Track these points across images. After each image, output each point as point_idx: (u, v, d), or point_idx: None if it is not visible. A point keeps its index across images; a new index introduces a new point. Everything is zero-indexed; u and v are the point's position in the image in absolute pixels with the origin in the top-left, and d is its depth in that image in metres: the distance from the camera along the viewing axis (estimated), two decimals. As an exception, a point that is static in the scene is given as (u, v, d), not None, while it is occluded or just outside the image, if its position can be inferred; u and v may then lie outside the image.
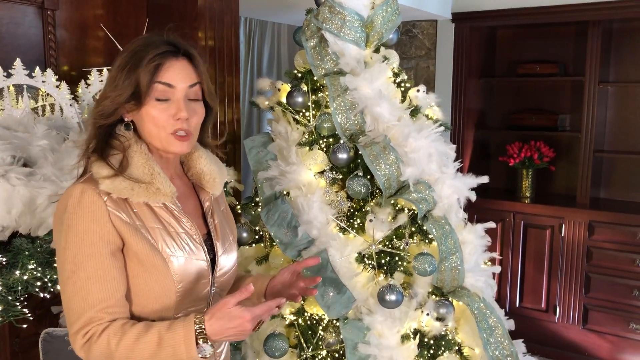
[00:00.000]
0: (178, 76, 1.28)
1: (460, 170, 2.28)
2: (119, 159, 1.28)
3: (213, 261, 1.38)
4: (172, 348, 1.17)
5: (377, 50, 2.31)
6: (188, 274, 1.30)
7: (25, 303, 1.82)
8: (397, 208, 2.10)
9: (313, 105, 2.24)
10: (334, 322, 2.08)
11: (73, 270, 1.21)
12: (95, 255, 1.21)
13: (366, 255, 2.08)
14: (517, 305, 4.09)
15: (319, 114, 2.21)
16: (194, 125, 1.32)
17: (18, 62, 2.26)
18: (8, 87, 2.23)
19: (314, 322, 2.13)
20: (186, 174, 1.44)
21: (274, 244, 2.20)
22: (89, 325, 1.20)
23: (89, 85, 2.47)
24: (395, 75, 2.31)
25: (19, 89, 2.27)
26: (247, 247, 2.36)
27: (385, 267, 2.07)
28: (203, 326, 1.17)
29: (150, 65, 1.25)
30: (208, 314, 1.19)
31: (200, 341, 1.17)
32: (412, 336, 2.03)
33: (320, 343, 2.10)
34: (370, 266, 2.07)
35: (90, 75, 2.49)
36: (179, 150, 1.31)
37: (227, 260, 1.42)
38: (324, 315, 2.08)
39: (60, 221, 1.24)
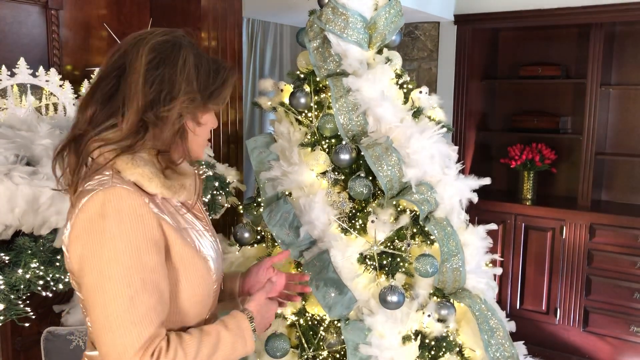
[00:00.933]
0: None
1: (462, 171, 2.28)
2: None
3: None
4: (232, 346, 1.19)
5: (379, 52, 2.31)
6: (219, 272, 1.30)
7: (28, 302, 1.82)
8: (398, 209, 2.10)
9: (315, 106, 2.24)
10: (335, 322, 2.08)
11: (128, 284, 1.07)
12: (151, 265, 1.10)
13: (368, 256, 2.08)
14: (518, 307, 4.09)
15: (321, 115, 2.21)
16: None
17: (22, 62, 2.27)
18: (12, 86, 2.24)
19: (315, 322, 2.13)
20: None
21: (276, 244, 2.20)
22: (153, 343, 1.08)
23: (92, 84, 2.48)
24: (398, 76, 2.31)
25: (22, 88, 2.27)
26: (249, 247, 2.36)
27: (386, 268, 2.07)
28: (253, 318, 1.24)
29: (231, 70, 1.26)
30: (251, 308, 1.25)
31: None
32: (413, 337, 2.03)
33: (321, 343, 2.10)
34: (372, 267, 2.07)
35: (94, 74, 2.50)
36: (202, 156, 1.33)
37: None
38: (325, 315, 2.08)
39: (97, 229, 1.09)
